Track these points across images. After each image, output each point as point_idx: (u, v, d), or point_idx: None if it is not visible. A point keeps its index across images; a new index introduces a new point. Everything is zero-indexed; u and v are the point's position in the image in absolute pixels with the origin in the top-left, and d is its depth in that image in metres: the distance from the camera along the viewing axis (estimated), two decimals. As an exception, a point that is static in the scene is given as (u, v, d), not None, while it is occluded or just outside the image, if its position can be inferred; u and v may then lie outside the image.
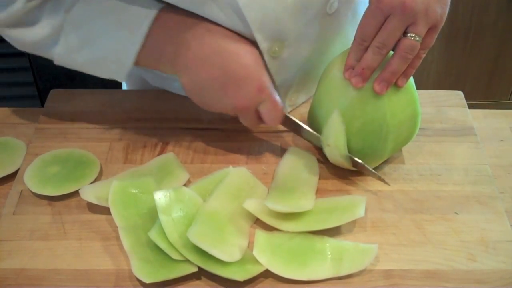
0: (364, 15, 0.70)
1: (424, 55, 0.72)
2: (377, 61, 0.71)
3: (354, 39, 0.72)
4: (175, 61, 0.74)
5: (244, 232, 0.71)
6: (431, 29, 0.70)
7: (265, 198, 0.73)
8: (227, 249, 0.67)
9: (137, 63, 0.76)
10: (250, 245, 0.70)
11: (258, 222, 0.72)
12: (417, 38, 0.69)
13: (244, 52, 0.74)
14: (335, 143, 0.74)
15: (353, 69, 0.72)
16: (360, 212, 0.71)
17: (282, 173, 0.78)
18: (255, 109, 0.75)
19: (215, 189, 0.73)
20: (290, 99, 0.88)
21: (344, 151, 0.74)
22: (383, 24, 0.69)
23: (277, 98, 0.75)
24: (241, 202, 0.73)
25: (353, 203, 0.73)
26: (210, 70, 0.73)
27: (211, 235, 0.68)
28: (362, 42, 0.71)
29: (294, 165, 0.79)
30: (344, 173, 0.79)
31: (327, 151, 0.76)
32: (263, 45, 0.75)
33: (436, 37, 0.72)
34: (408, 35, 0.69)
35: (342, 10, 0.82)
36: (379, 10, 0.69)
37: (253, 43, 0.75)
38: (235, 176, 0.75)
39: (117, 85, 1.01)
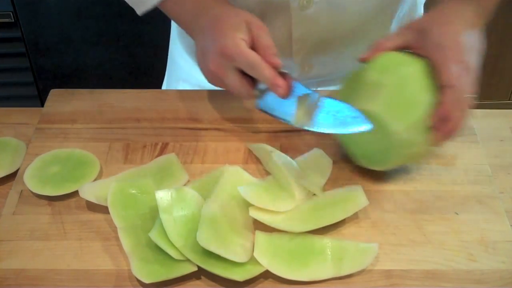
0: (444, 64, 0.71)
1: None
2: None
3: (446, 85, 0.71)
4: (192, 24, 0.80)
5: (246, 232, 0.71)
6: None
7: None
8: (236, 250, 0.67)
9: (162, 7, 0.85)
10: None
11: (257, 223, 0.72)
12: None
13: (225, 16, 0.75)
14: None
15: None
16: (363, 201, 0.72)
17: (274, 174, 0.78)
18: (235, 73, 0.74)
19: (213, 189, 0.73)
20: (303, 66, 0.91)
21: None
22: None
23: (253, 55, 0.72)
24: (240, 201, 0.73)
25: (352, 194, 0.73)
26: (201, 37, 0.77)
27: (218, 237, 0.68)
28: (455, 90, 0.71)
29: (287, 168, 0.78)
30: (343, 174, 0.79)
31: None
32: None
33: None
34: None
35: None
36: (455, 61, 0.71)
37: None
38: (231, 175, 0.75)
39: (115, 85, 1.01)
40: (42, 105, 0.91)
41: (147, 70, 1.77)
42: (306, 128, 0.71)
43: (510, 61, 2.00)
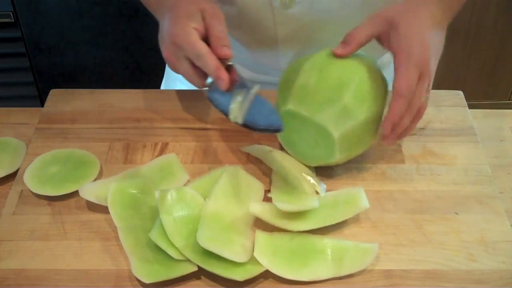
0: (403, 70, 0.71)
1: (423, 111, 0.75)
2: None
3: (398, 94, 0.71)
4: (157, 10, 0.81)
5: (247, 231, 0.71)
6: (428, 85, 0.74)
7: (271, 198, 0.73)
8: (236, 250, 0.67)
9: None
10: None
11: (257, 222, 0.72)
12: (426, 97, 0.73)
13: (181, 4, 0.76)
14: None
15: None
16: (364, 204, 0.72)
17: (280, 172, 0.78)
18: (186, 62, 0.74)
19: (213, 189, 0.73)
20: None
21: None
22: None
23: (200, 46, 0.72)
24: (240, 201, 0.73)
25: (354, 196, 0.73)
26: (161, 23, 0.77)
27: (218, 237, 0.68)
28: (407, 99, 0.71)
29: (291, 165, 0.78)
30: (344, 174, 0.79)
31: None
32: None
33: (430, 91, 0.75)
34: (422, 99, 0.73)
35: None
36: (417, 68, 0.71)
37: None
38: (231, 176, 0.75)
39: (115, 85, 1.01)
40: (42, 105, 0.91)
41: (147, 70, 1.77)
42: (237, 123, 0.72)
43: (510, 61, 2.00)
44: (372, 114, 0.74)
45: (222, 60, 0.73)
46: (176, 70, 0.77)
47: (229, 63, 0.74)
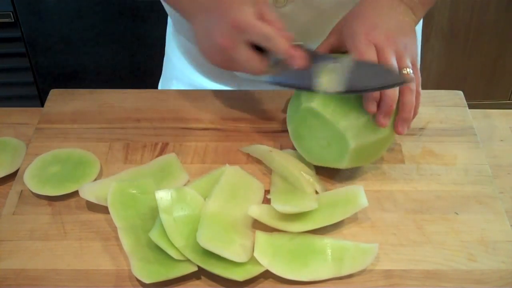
0: (357, 48, 0.72)
1: (420, 90, 0.75)
2: (396, 93, 0.71)
3: None
4: (190, 5, 0.77)
5: (247, 232, 0.71)
6: (413, 66, 0.73)
7: (270, 200, 0.73)
8: (236, 250, 0.67)
9: None
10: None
11: (257, 223, 0.72)
12: (410, 70, 0.72)
13: None
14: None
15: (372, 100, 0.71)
16: (363, 202, 0.72)
17: (280, 172, 0.78)
18: (246, 47, 0.72)
19: (213, 189, 0.73)
20: None
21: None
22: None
23: (267, 26, 0.71)
24: (240, 201, 0.73)
25: (353, 194, 0.73)
26: (204, 16, 0.75)
27: (218, 237, 0.68)
28: None
29: (291, 164, 0.78)
30: (343, 174, 0.79)
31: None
32: None
33: (419, 73, 0.75)
34: (403, 70, 0.72)
35: None
36: (368, 41, 0.72)
37: None
38: (231, 175, 0.75)
39: (115, 85, 1.01)
40: (42, 105, 0.91)
41: (147, 70, 1.77)
42: (336, 91, 0.70)
43: (510, 61, 2.00)
44: (392, 133, 0.74)
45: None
46: (229, 60, 0.74)
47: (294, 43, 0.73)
